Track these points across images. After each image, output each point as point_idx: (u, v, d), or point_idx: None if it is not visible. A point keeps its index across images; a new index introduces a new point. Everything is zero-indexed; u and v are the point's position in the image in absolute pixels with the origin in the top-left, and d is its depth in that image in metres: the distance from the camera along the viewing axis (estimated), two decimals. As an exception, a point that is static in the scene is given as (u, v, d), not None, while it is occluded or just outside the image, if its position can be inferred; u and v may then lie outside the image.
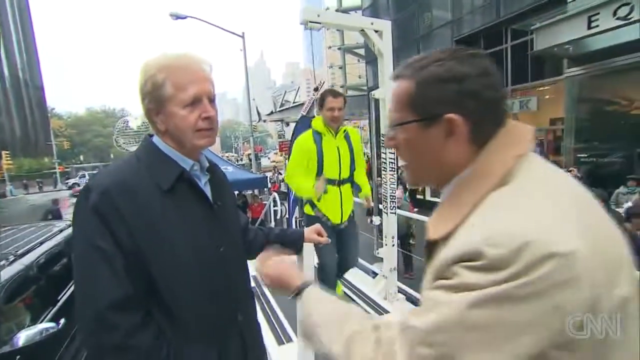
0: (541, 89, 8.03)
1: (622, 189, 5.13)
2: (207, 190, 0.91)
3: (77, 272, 0.77)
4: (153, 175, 0.81)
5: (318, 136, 2.17)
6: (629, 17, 4.32)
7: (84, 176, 28.12)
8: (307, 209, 2.26)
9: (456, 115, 0.52)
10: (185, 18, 11.33)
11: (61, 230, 3.96)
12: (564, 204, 0.47)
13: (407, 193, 8.88)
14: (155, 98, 0.80)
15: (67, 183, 26.95)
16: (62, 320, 2.65)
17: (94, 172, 31.53)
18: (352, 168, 2.26)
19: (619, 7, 4.41)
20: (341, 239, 2.26)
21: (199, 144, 0.84)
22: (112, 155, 46.06)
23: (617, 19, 4.44)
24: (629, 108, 5.83)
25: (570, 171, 5.22)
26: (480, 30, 8.90)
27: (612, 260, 0.45)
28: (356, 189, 2.39)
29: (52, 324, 2.50)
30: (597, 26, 4.74)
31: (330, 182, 2.17)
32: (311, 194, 2.10)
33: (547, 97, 8.03)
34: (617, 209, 4.67)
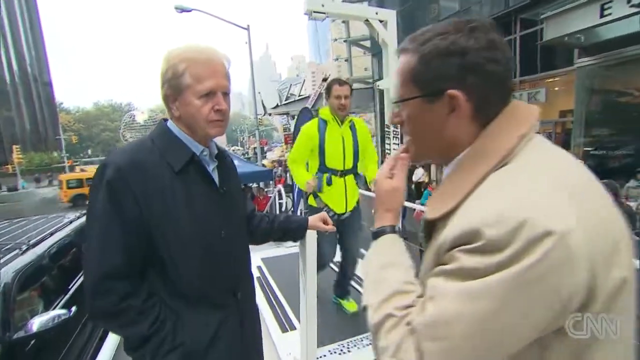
0: (550, 80, 7.85)
1: (632, 183, 5.04)
2: (215, 176, 0.96)
3: (87, 242, 0.84)
4: (165, 156, 0.87)
5: (323, 124, 2.17)
6: (644, 4, 4.19)
7: (92, 170, 28.50)
8: (311, 200, 2.27)
9: (458, 92, 0.51)
10: (190, 11, 11.30)
11: (71, 222, 4.05)
12: (564, 185, 0.45)
13: (413, 186, 8.87)
14: (174, 86, 0.86)
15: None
16: (74, 308, 2.73)
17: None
18: (356, 159, 2.25)
19: (634, -6, 4.27)
20: (344, 229, 2.27)
21: (209, 133, 0.90)
22: (119, 149, 46.67)
23: (632, 6, 4.30)
24: (642, 99, 5.69)
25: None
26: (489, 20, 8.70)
27: (610, 242, 0.44)
28: (361, 181, 2.38)
29: (64, 311, 2.57)
30: (610, 14, 4.60)
31: (333, 172, 2.17)
32: (302, 187, 2.16)
33: (556, 88, 7.86)
34: (628, 203, 4.60)
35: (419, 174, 9.56)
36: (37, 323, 2.28)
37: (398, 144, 2.43)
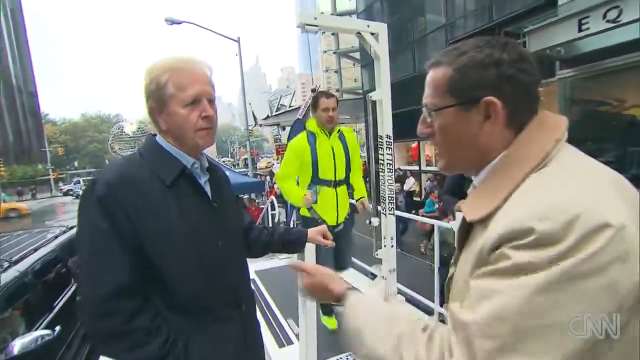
0: (539, 89, 8.12)
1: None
2: (207, 189, 0.94)
3: (80, 260, 0.81)
4: (156, 170, 0.85)
5: (312, 136, 2.17)
6: (618, 19, 4.41)
7: (78, 182, 27.84)
8: (304, 211, 2.25)
9: (494, 98, 0.54)
10: (180, 23, 11.35)
11: (56, 237, 3.92)
12: (606, 182, 0.47)
13: (406, 194, 8.91)
14: (158, 98, 0.85)
15: (61, 189, 26.61)
16: (58, 328, 2.61)
17: (89, 178, 31.25)
18: (348, 169, 2.25)
19: (609, 10, 4.50)
20: (336, 240, 2.25)
21: (199, 143, 0.88)
22: (107, 161, 45.76)
23: (607, 21, 4.53)
24: (620, 109, 5.93)
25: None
26: (474, 33, 9.02)
27: None
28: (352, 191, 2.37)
29: (47, 332, 2.46)
30: (588, 29, 4.83)
31: (325, 183, 2.17)
32: (300, 204, 2.09)
33: (541, 98, 8.13)
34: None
35: (410, 184, 9.67)
36: (18, 345, 2.18)
37: (391, 154, 2.45)
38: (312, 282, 0.77)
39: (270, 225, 6.07)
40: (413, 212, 7.10)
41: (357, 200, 2.33)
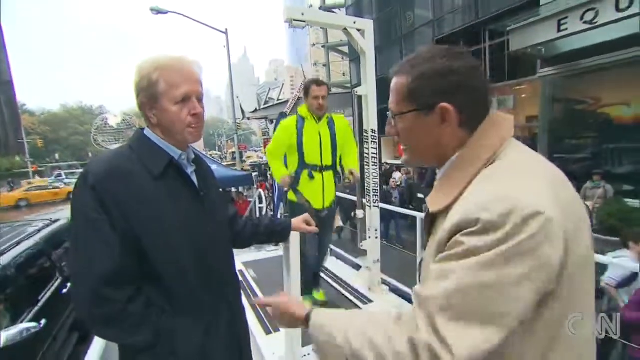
0: (517, 88, 8.35)
1: (588, 184, 5.44)
2: (194, 179, 0.98)
3: (73, 250, 0.84)
4: (145, 162, 0.88)
5: (301, 120, 2.22)
6: (594, 21, 4.60)
7: (60, 175, 26.83)
8: (291, 195, 2.30)
9: (448, 104, 0.60)
10: (166, 13, 11.07)
11: (39, 230, 3.85)
12: (542, 178, 0.55)
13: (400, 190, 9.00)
14: (149, 94, 0.88)
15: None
16: (44, 321, 2.61)
17: (71, 171, 30.18)
18: (334, 155, 2.30)
19: (586, 12, 4.69)
20: (320, 225, 2.32)
21: (187, 138, 0.93)
22: (90, 154, 44.34)
23: (584, 22, 4.71)
24: (596, 107, 6.18)
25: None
26: (460, 30, 9.17)
27: (578, 226, 0.54)
28: (338, 180, 2.45)
29: (33, 324, 2.46)
30: (566, 29, 5.02)
31: (312, 167, 2.22)
32: (279, 181, 2.23)
33: (523, 96, 8.37)
34: (585, 202, 4.97)
35: (396, 177, 9.82)
36: (3, 337, 2.17)
37: (376, 148, 2.53)
38: (275, 314, 0.82)
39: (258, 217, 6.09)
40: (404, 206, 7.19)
41: (348, 171, 2.36)
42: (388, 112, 0.70)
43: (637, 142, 5.53)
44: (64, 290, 3.37)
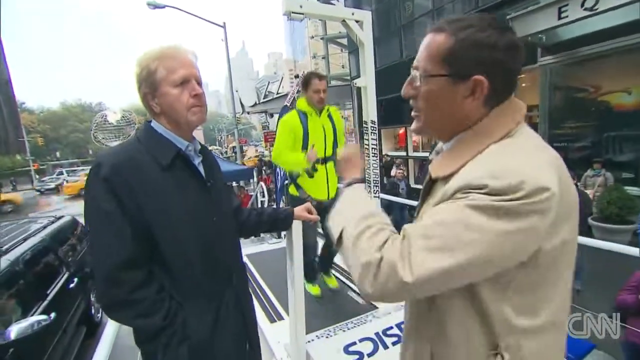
0: (519, 76, 8.30)
1: (589, 172, 5.45)
2: (201, 170, 1.01)
3: (90, 237, 0.88)
4: (153, 153, 0.91)
5: (304, 116, 2.22)
6: (595, 7, 4.55)
7: (61, 173, 26.86)
8: (292, 190, 2.32)
9: (483, 78, 0.59)
10: (163, 7, 10.96)
11: (45, 227, 3.91)
12: (546, 158, 0.58)
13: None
14: (150, 83, 0.91)
15: (43, 181, 25.65)
16: (53, 314, 2.67)
17: (72, 169, 30.20)
18: (335, 145, 2.34)
19: (586, -1, 4.63)
20: (325, 215, 2.34)
21: (192, 120, 0.95)
22: (90, 151, 44.33)
23: (585, 9, 4.66)
24: (596, 95, 6.15)
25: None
26: (460, 19, 9.06)
27: (568, 211, 0.57)
28: None
29: (44, 317, 2.52)
30: (567, 16, 4.96)
31: (316, 160, 2.22)
32: (304, 165, 2.12)
33: (524, 84, 8.31)
34: (585, 190, 4.99)
35: (395, 171, 9.84)
36: (15, 330, 2.23)
37: (376, 140, 2.54)
38: (346, 156, 0.87)
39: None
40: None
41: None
42: (412, 69, 0.66)
43: (638, 129, 5.51)
44: (71, 285, 3.44)
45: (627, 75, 5.63)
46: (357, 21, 2.34)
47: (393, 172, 8.16)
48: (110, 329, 1.46)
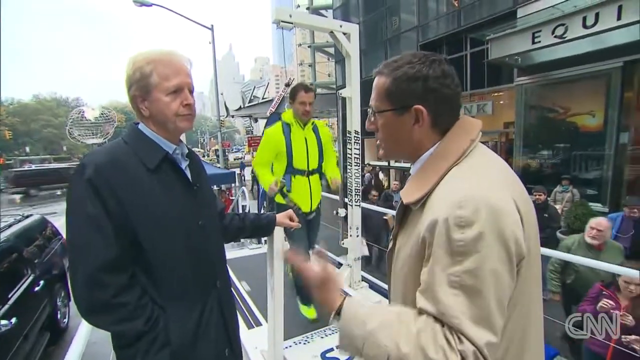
0: (496, 94, 8.71)
1: (558, 188, 5.76)
2: (188, 173, 1.01)
3: (70, 238, 0.85)
4: (140, 155, 0.90)
5: (287, 127, 2.25)
6: (564, 36, 4.90)
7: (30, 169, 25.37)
8: (278, 198, 2.33)
9: (422, 106, 0.67)
10: (150, 6, 10.79)
11: (9, 226, 3.70)
12: (502, 177, 0.64)
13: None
14: (142, 86, 0.91)
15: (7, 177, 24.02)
16: (14, 319, 2.52)
17: (43, 165, 28.65)
18: (321, 160, 2.36)
19: (557, 27, 4.99)
20: (309, 228, 2.37)
21: (180, 126, 0.95)
22: (64, 148, 42.34)
23: (555, 37, 5.01)
24: (565, 116, 6.56)
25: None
26: (444, 36, 9.46)
27: (528, 219, 0.62)
28: (325, 181, 2.50)
29: (4, 322, 2.38)
30: (540, 42, 5.31)
31: (299, 172, 2.26)
32: (266, 189, 2.19)
33: (501, 102, 8.73)
34: (555, 205, 5.26)
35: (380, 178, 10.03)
36: (-27, 335, 2.10)
37: (359, 149, 2.60)
38: (316, 283, 0.75)
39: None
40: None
41: (331, 178, 2.42)
42: (368, 109, 0.76)
43: (600, 149, 5.91)
44: (36, 288, 3.26)
45: (591, 99, 6.06)
46: (344, 33, 2.41)
47: (381, 177, 8.33)
48: (82, 334, 1.39)
